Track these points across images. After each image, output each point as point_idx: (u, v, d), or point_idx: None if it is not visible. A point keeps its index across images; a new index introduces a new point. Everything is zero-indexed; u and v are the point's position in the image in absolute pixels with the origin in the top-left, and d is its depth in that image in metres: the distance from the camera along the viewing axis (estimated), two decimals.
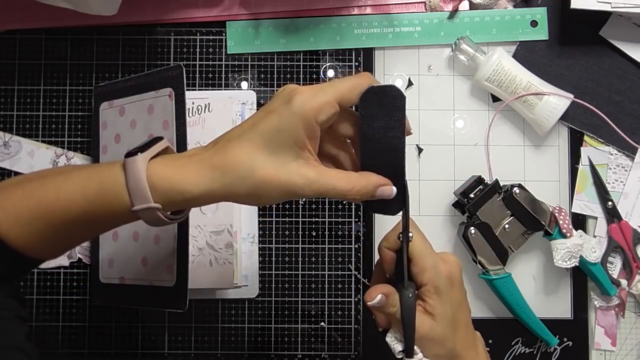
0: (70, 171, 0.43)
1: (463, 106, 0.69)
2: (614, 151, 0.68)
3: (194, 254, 0.64)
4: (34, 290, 0.68)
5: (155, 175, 0.40)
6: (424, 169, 0.69)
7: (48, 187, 0.41)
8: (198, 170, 0.40)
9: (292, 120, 0.39)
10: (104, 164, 0.44)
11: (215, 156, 0.41)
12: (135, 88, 0.64)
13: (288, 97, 0.40)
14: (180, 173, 0.40)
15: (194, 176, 0.40)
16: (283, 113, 0.40)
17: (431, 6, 0.69)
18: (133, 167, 0.40)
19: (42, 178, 0.43)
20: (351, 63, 0.69)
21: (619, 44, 0.68)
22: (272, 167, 0.40)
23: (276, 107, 0.40)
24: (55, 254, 0.45)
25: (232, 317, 0.67)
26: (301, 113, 0.39)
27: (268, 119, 0.40)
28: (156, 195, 0.40)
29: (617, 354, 0.67)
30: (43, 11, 0.68)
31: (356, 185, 0.41)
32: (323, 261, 0.68)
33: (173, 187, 0.40)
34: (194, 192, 0.40)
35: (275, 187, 0.40)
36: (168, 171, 0.41)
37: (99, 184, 0.41)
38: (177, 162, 0.41)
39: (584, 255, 0.64)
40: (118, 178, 0.41)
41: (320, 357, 0.67)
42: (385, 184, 0.43)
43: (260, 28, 0.69)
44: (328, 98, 0.40)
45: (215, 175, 0.40)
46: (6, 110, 0.69)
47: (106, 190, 0.41)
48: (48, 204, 0.41)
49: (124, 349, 0.67)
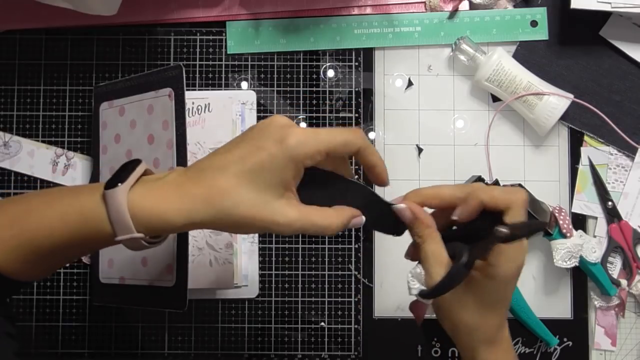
0: (52, 198, 0.42)
1: (463, 106, 0.69)
2: (614, 151, 0.68)
3: (193, 254, 0.64)
4: (34, 290, 0.68)
5: (137, 206, 0.40)
6: (424, 169, 0.69)
7: (31, 215, 0.41)
8: (181, 200, 0.40)
9: (283, 161, 0.40)
10: (85, 190, 0.43)
11: (199, 186, 0.40)
12: (135, 88, 0.64)
13: (280, 135, 0.40)
14: (162, 203, 0.40)
15: (176, 207, 0.40)
16: (274, 152, 0.40)
17: (431, 6, 0.69)
18: (114, 199, 0.40)
19: (26, 203, 0.42)
20: (351, 63, 0.69)
21: (619, 44, 0.68)
22: (256, 204, 0.40)
23: (266, 144, 0.40)
24: (42, 275, 0.45)
25: (232, 317, 0.67)
26: (293, 156, 0.40)
27: (258, 155, 0.40)
28: (138, 225, 0.40)
29: (617, 354, 0.67)
30: (43, 11, 0.68)
31: (333, 222, 0.42)
32: (323, 261, 0.68)
33: (155, 217, 0.40)
34: (177, 223, 0.40)
35: (257, 223, 0.40)
36: (150, 201, 0.40)
37: (81, 214, 0.41)
38: (158, 192, 0.41)
39: (584, 255, 0.64)
40: (99, 210, 0.40)
41: (320, 357, 0.67)
42: (356, 215, 0.44)
43: (260, 28, 0.69)
44: (320, 147, 0.40)
45: (198, 207, 0.40)
46: (6, 110, 0.69)
47: (88, 221, 0.41)
48: (31, 232, 0.41)
49: (124, 349, 0.67)
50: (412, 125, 0.69)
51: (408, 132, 0.69)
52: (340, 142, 0.41)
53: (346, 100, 0.69)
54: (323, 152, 0.41)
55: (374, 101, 0.69)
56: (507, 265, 0.44)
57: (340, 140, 0.41)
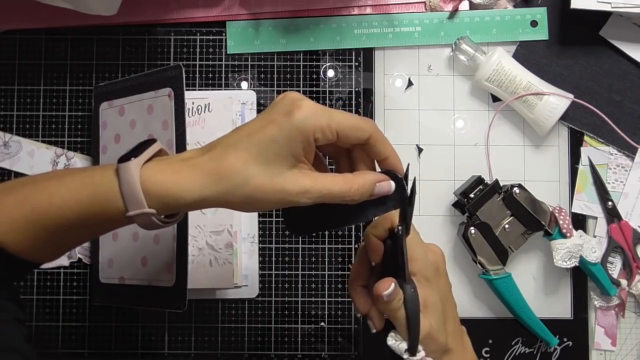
0: (63, 175, 0.42)
1: (463, 106, 0.69)
2: (614, 151, 0.68)
3: (193, 254, 0.64)
4: (34, 290, 0.68)
5: (149, 180, 0.40)
6: (424, 169, 0.69)
7: (41, 193, 0.41)
8: (192, 176, 0.40)
9: (291, 132, 0.39)
10: (97, 168, 0.43)
11: (211, 163, 0.40)
12: (135, 88, 0.64)
13: (289, 107, 0.40)
14: (174, 178, 0.40)
15: (188, 182, 0.40)
16: (283, 124, 0.39)
17: (431, 6, 0.69)
18: (126, 172, 0.40)
19: (35, 183, 0.42)
20: (351, 63, 0.69)
21: (619, 44, 0.68)
22: (267, 176, 0.39)
23: (276, 117, 0.40)
24: (53, 256, 0.45)
25: (232, 317, 0.67)
26: (301, 127, 0.39)
27: (267, 128, 0.40)
28: (150, 200, 0.40)
29: (617, 354, 0.67)
30: (43, 11, 0.68)
31: (353, 185, 0.41)
32: (323, 261, 0.68)
33: (167, 192, 0.40)
34: (188, 198, 0.40)
35: (270, 196, 0.40)
36: (162, 176, 0.40)
37: (92, 190, 0.40)
38: (171, 167, 0.41)
39: (584, 255, 0.64)
40: (112, 184, 0.40)
41: (320, 357, 0.67)
42: (383, 179, 0.42)
43: (260, 28, 0.69)
44: (331, 123, 0.40)
45: (209, 183, 0.40)
46: (6, 110, 0.69)
47: (100, 197, 0.40)
48: (42, 210, 0.41)
49: (124, 349, 0.67)
50: (412, 125, 0.69)
51: (408, 132, 0.69)
52: (351, 124, 0.41)
53: (346, 100, 0.69)
54: (333, 130, 0.40)
55: (374, 101, 0.69)
56: (415, 265, 0.45)
57: (352, 123, 0.41)
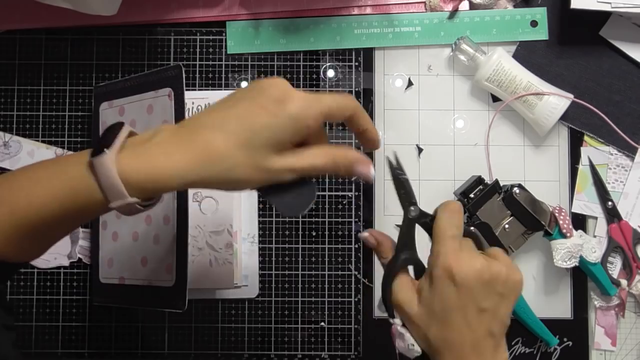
0: (36, 171, 0.41)
1: (463, 106, 0.69)
2: (614, 151, 0.68)
3: (193, 254, 0.64)
4: (33, 290, 0.68)
5: (128, 171, 0.38)
6: (424, 169, 0.69)
7: (18, 194, 0.40)
8: (175, 161, 0.39)
9: (285, 122, 0.39)
10: (70, 159, 0.41)
11: (194, 146, 0.39)
12: (135, 88, 0.64)
13: (281, 97, 0.39)
14: (154, 166, 0.39)
15: (170, 168, 0.39)
16: (277, 113, 0.39)
17: (431, 6, 0.69)
18: (103, 166, 0.38)
19: (10, 182, 0.41)
20: (351, 63, 0.69)
21: (619, 44, 0.68)
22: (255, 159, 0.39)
23: (267, 104, 0.39)
24: (35, 255, 0.44)
25: (232, 317, 0.67)
26: (297, 118, 0.39)
27: (260, 115, 0.39)
28: (131, 189, 0.38)
29: (617, 354, 0.67)
30: (43, 11, 0.68)
31: (335, 156, 0.42)
32: (323, 261, 0.68)
33: (149, 181, 0.39)
34: (172, 184, 0.39)
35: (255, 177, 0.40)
36: (141, 165, 0.39)
37: (71, 188, 0.39)
38: (149, 153, 0.39)
39: (584, 255, 0.64)
40: (89, 180, 0.39)
41: (320, 357, 0.67)
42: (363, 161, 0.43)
43: (260, 28, 0.69)
44: (322, 110, 0.40)
45: (193, 168, 0.39)
46: (6, 110, 0.69)
47: (80, 194, 0.39)
48: (20, 210, 0.39)
49: (124, 349, 0.67)
50: (412, 125, 0.69)
51: (408, 132, 0.69)
52: (339, 106, 0.41)
53: None
54: (325, 115, 0.41)
55: (374, 101, 0.69)
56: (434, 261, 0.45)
57: (339, 104, 0.41)
